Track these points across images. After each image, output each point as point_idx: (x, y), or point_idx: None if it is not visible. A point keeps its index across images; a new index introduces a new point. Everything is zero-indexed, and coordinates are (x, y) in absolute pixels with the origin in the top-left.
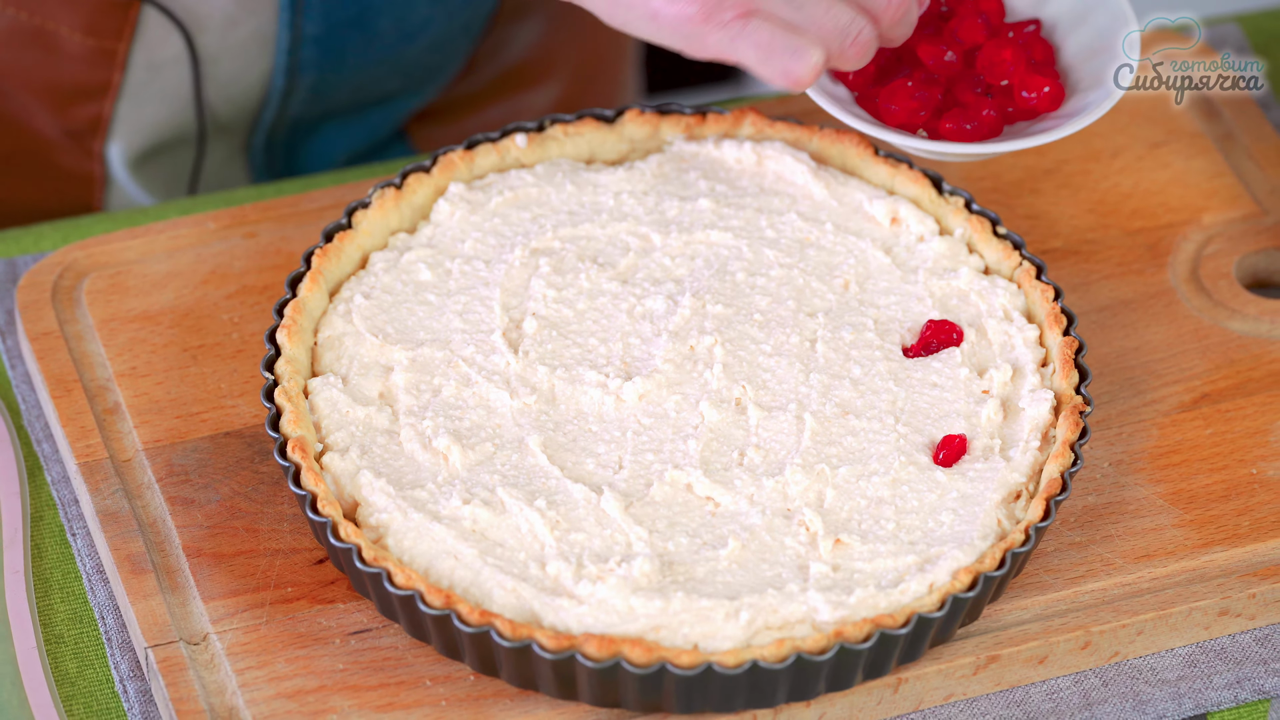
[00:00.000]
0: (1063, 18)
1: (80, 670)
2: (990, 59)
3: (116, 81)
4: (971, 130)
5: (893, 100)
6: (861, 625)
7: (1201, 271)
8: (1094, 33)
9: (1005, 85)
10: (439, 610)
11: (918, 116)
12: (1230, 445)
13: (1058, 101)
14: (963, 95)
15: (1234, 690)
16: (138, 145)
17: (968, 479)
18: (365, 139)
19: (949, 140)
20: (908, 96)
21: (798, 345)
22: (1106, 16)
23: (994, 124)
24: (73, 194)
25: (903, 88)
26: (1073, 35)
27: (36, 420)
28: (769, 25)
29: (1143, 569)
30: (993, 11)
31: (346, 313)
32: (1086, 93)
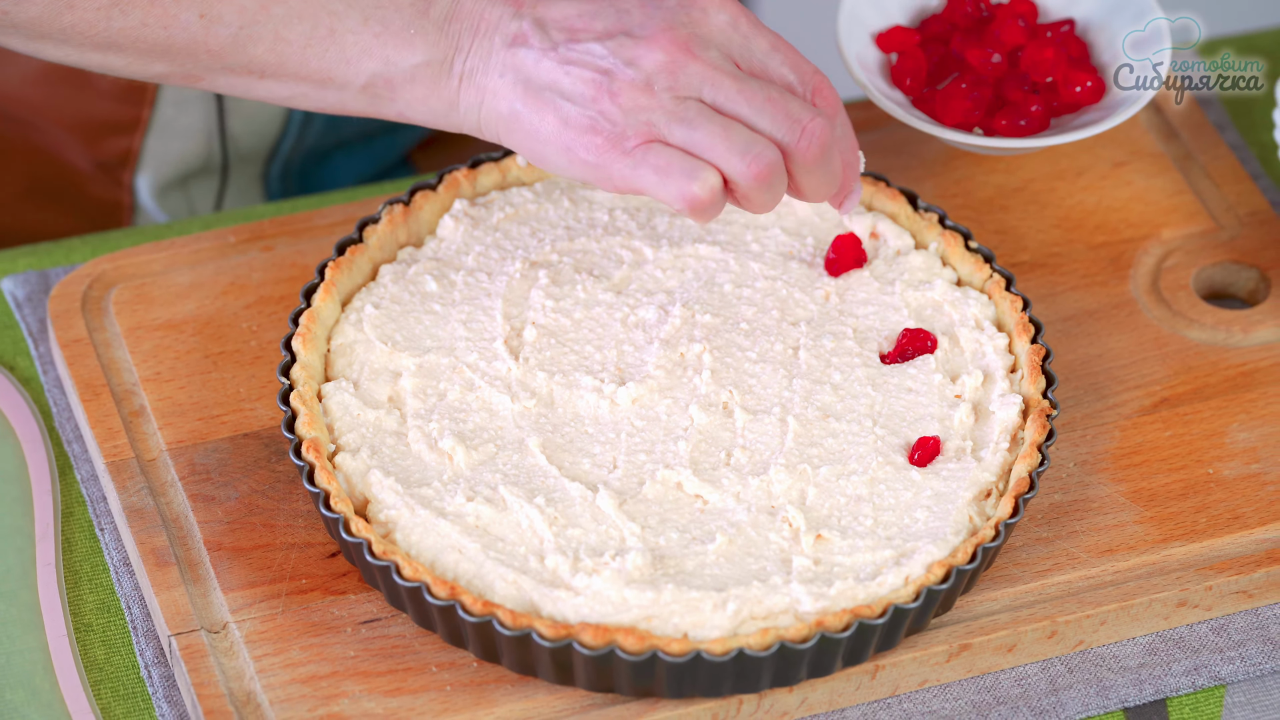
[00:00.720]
0: (1094, 16)
1: (108, 657)
2: (1034, 58)
3: (146, 117)
4: (1024, 126)
5: (949, 102)
6: (841, 615)
7: (1161, 283)
8: (1124, 28)
9: (1050, 82)
10: (444, 601)
11: (973, 115)
12: (1188, 447)
13: (1100, 94)
14: (1011, 94)
15: (1192, 677)
16: (164, 176)
17: (941, 478)
18: (373, 166)
19: (1005, 136)
20: (962, 97)
21: (781, 353)
22: (1134, 11)
23: (1042, 118)
24: (102, 221)
25: (957, 89)
26: (1104, 32)
27: (67, 422)
28: (665, 149)
29: (1106, 563)
30: (1028, 14)
31: (358, 321)
32: (1124, 84)
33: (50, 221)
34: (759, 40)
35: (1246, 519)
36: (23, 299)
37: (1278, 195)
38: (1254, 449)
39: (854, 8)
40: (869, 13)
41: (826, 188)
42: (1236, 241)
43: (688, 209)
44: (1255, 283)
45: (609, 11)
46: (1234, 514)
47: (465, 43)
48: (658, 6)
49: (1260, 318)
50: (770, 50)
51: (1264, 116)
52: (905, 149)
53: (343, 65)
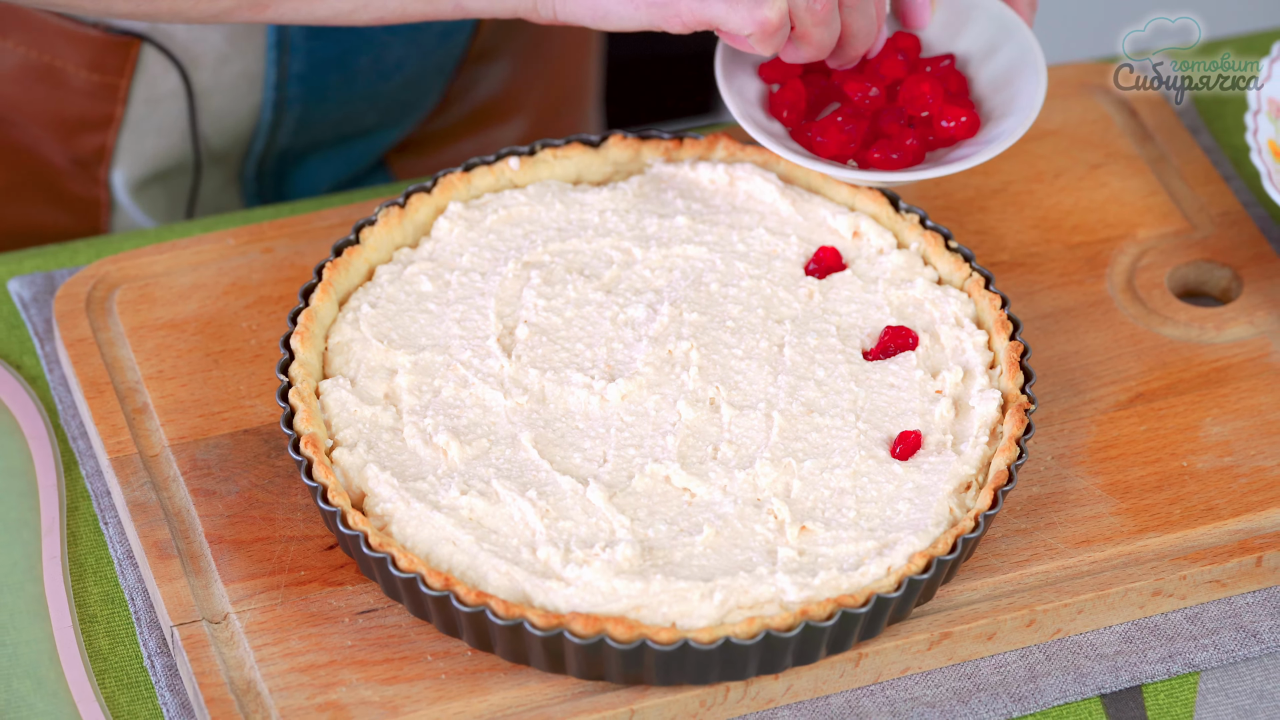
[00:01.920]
0: (974, 52)
1: (112, 647)
2: (911, 93)
3: (119, 114)
4: (897, 159)
5: (824, 134)
6: (825, 605)
7: (1136, 282)
8: (1004, 64)
9: (925, 116)
10: (439, 591)
11: (848, 148)
12: (1163, 440)
13: (974, 129)
14: (887, 127)
15: (1166, 664)
16: (139, 172)
17: (922, 471)
18: (348, 169)
19: (877, 169)
20: (838, 130)
21: (766, 350)
22: (1015, 49)
23: (917, 152)
24: (81, 217)
25: (833, 122)
26: (984, 67)
27: (72, 419)
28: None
29: (1083, 553)
30: (910, 48)
31: (355, 320)
32: (1000, 120)
33: (31, 217)
34: None
35: (1219, 510)
36: (29, 300)
37: (1250, 196)
38: (1227, 442)
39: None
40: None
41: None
42: (1209, 241)
43: (758, 32)
44: (1228, 281)
45: None
46: (1207, 506)
47: None
48: None
49: (1232, 315)
50: None
51: (1236, 120)
52: None
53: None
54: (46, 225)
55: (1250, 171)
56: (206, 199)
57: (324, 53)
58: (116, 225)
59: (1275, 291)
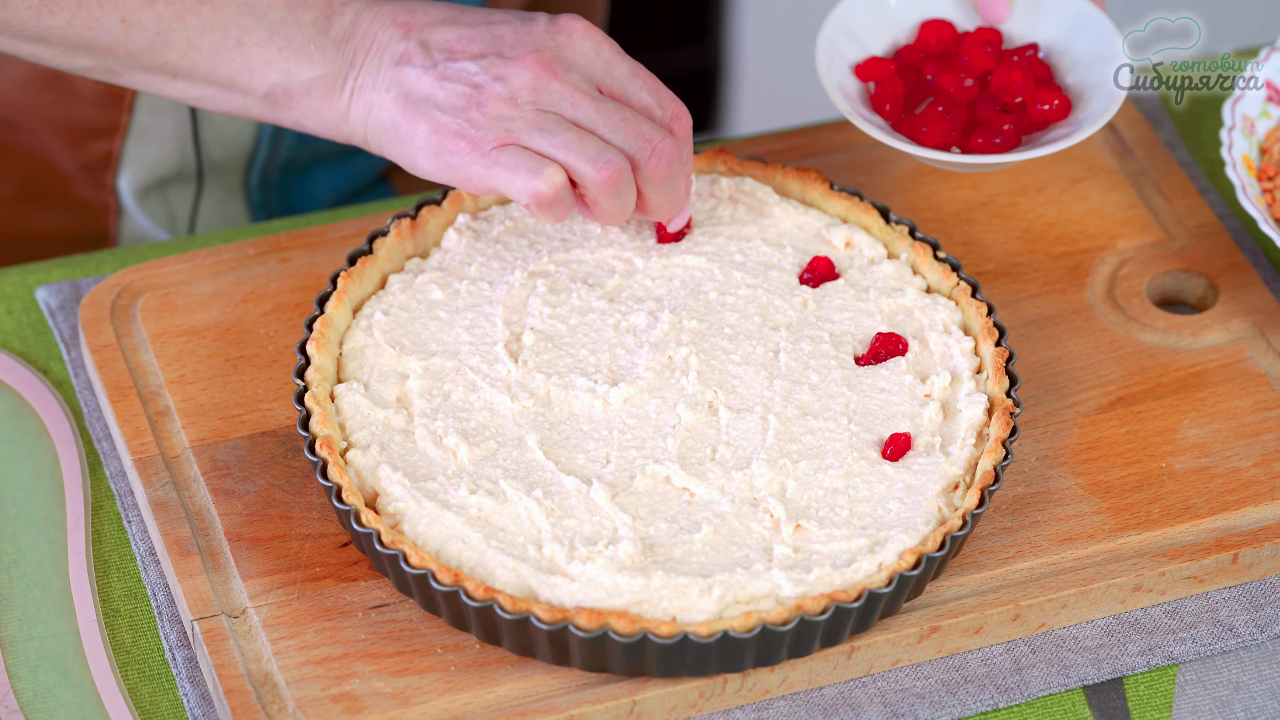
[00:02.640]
0: (1055, 40)
1: (135, 640)
2: (1003, 81)
3: (124, 122)
4: (999, 144)
5: (927, 124)
6: (819, 600)
7: (1116, 290)
8: (1084, 49)
9: (1019, 102)
10: (448, 587)
11: (950, 136)
12: (1143, 442)
13: (1066, 111)
14: (983, 114)
15: (1146, 656)
16: (144, 179)
17: (912, 472)
18: (351, 182)
19: (981, 153)
20: (939, 120)
21: (763, 355)
22: (1093, 34)
23: (1014, 136)
24: (90, 222)
25: (934, 113)
26: (1066, 54)
27: (97, 421)
28: (519, 151)
29: (1066, 550)
30: (995, 40)
31: (368, 327)
32: (1089, 101)
33: (43, 222)
34: (619, 66)
35: (1197, 509)
36: (56, 307)
37: (1224, 209)
38: (1204, 444)
39: (831, 42)
40: (846, 46)
41: (671, 205)
42: (1186, 251)
43: (534, 204)
44: (1204, 290)
45: (485, 35)
46: (1185, 505)
47: (359, 60)
48: (528, 32)
49: (1209, 322)
50: (630, 76)
51: (1212, 135)
52: (878, 167)
53: (247, 73)
54: (57, 230)
55: (1225, 185)
56: (211, 209)
57: None
58: (124, 231)
59: (1249, 299)
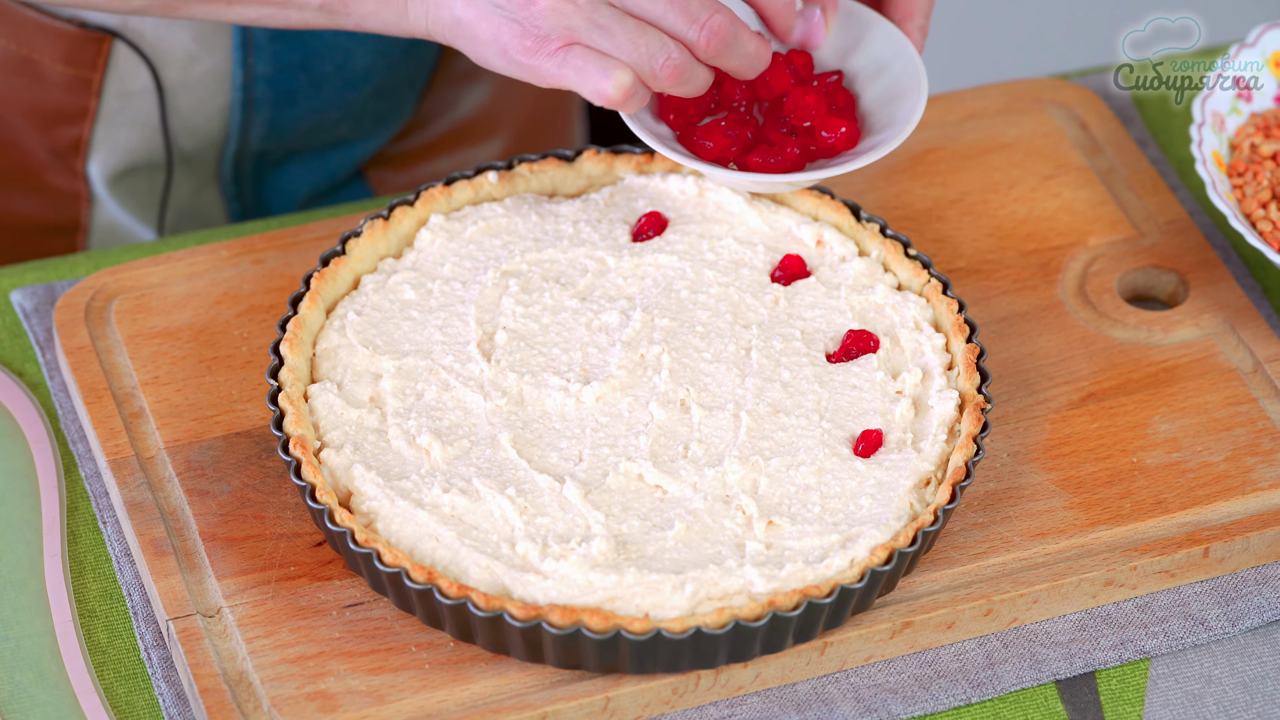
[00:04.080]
0: (865, 70)
1: (110, 640)
2: (796, 104)
3: (93, 108)
4: (776, 164)
5: (708, 137)
6: (791, 596)
7: (1087, 287)
8: (891, 82)
9: (808, 126)
10: (422, 585)
11: (729, 152)
12: (1113, 438)
13: (854, 141)
14: (771, 135)
15: (1118, 651)
16: (114, 165)
17: (884, 468)
18: (326, 178)
19: (757, 172)
20: (721, 134)
21: (734, 353)
22: (902, 68)
23: (797, 160)
24: (61, 209)
25: (717, 127)
26: (872, 85)
27: (72, 423)
28: (585, 51)
29: (1037, 546)
30: (802, 64)
31: (341, 328)
32: (880, 133)
33: (13, 209)
34: None
35: (1168, 504)
36: (30, 310)
37: (1195, 205)
38: (1175, 439)
39: None
40: None
41: (747, 67)
42: (1157, 248)
43: (605, 103)
44: (1175, 286)
45: None
46: (1156, 499)
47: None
48: None
49: (1179, 318)
50: None
51: (1182, 132)
52: None
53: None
54: (30, 217)
55: (1195, 181)
56: (184, 199)
57: (287, 56)
58: (96, 218)
59: (1220, 295)
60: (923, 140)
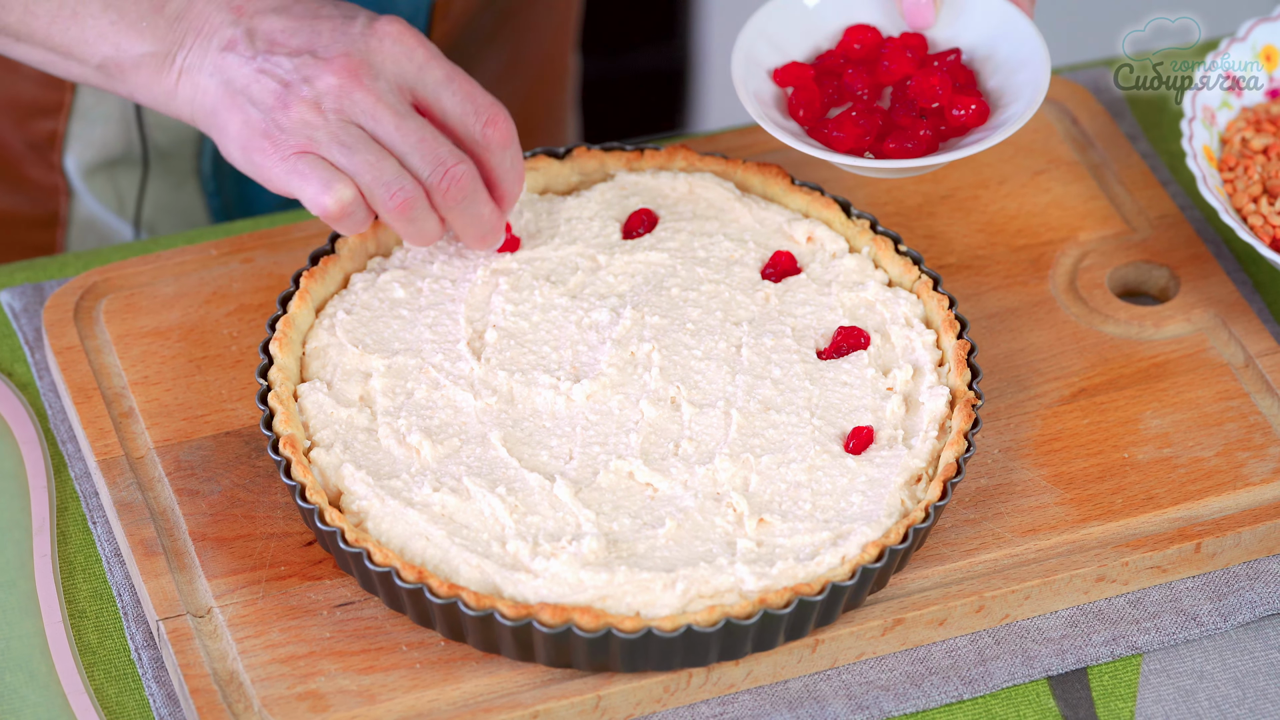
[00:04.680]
0: (980, 45)
1: (100, 641)
2: (921, 86)
3: (67, 101)
4: (912, 148)
5: (840, 129)
6: (783, 593)
7: (1078, 282)
8: (1008, 55)
9: (936, 107)
10: (413, 584)
11: (863, 141)
12: (1105, 433)
13: (984, 117)
14: (901, 120)
15: (1110, 647)
16: (90, 160)
17: (875, 465)
18: None
19: (893, 158)
20: (852, 125)
21: (725, 350)
22: (1017, 39)
23: (930, 142)
24: (41, 203)
25: (848, 118)
26: (990, 59)
27: (61, 423)
28: (317, 161)
29: (1029, 542)
30: (917, 46)
31: (331, 326)
32: (1008, 106)
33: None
34: (433, 71)
35: (1160, 499)
36: (19, 310)
37: (1186, 200)
38: (1166, 434)
39: (750, 49)
40: (767, 52)
41: (474, 229)
42: (1148, 243)
43: (322, 216)
44: (1165, 281)
45: (307, 30)
46: (1148, 495)
47: (189, 40)
48: (344, 32)
49: (1170, 313)
50: (444, 81)
51: (1173, 127)
52: None
53: (81, 44)
54: (7, 211)
55: (1186, 176)
56: (163, 196)
57: None
58: (75, 213)
59: (1211, 290)
60: None
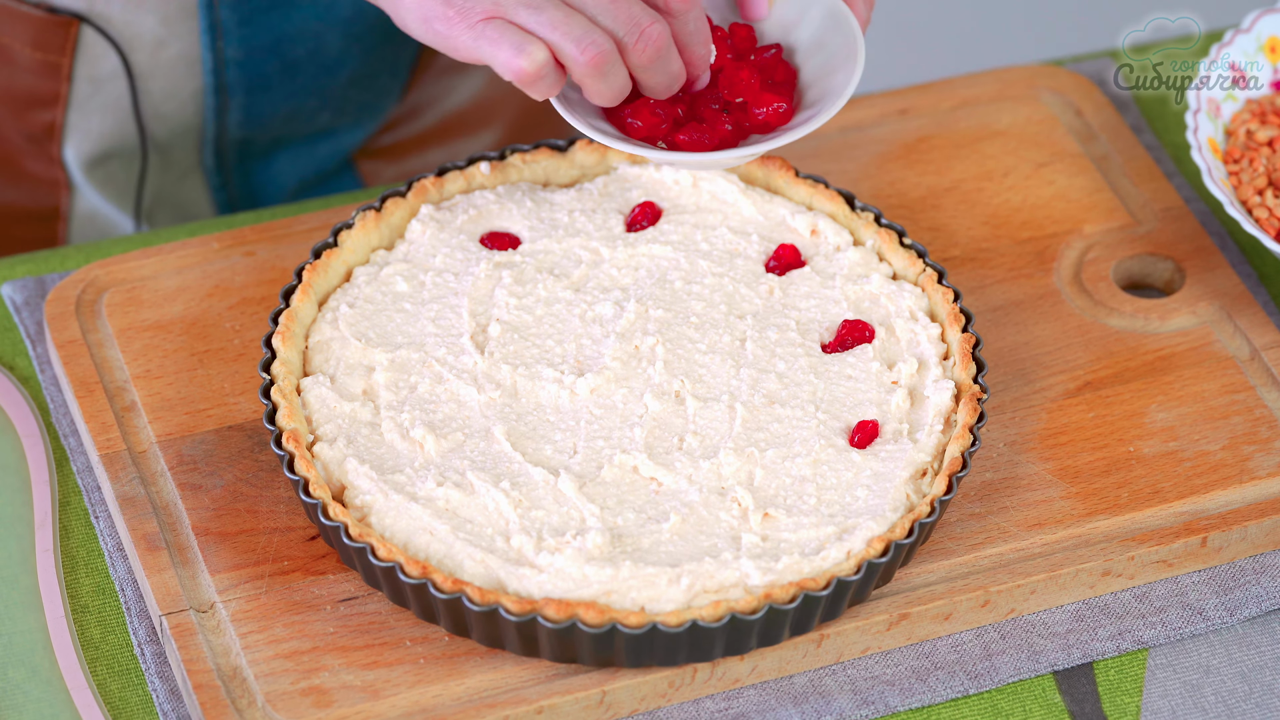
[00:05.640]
0: (806, 44)
1: (103, 636)
2: (730, 79)
3: (64, 92)
4: (705, 141)
5: (637, 115)
6: (788, 588)
7: (1083, 275)
8: (830, 54)
9: (741, 102)
10: (417, 579)
11: (659, 130)
12: (1110, 427)
13: (786, 117)
14: (704, 112)
15: (1116, 641)
16: (89, 152)
17: (880, 459)
18: (315, 168)
19: (684, 150)
20: (650, 112)
21: (729, 344)
22: (842, 41)
23: (728, 137)
24: (41, 196)
25: (646, 104)
26: (813, 58)
27: (64, 417)
28: (505, 25)
29: (1035, 536)
30: (743, 38)
31: (334, 320)
32: (814, 105)
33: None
34: None
35: (1165, 493)
36: (21, 303)
37: (1191, 192)
38: (1172, 428)
39: None
40: None
41: (666, 85)
42: (1153, 235)
43: (517, 80)
44: (1171, 273)
45: None
46: (1154, 489)
47: None
48: None
49: (1176, 306)
50: None
51: (1177, 119)
52: (843, 154)
53: None
54: (8, 205)
55: (1191, 168)
56: (164, 187)
57: (257, 40)
58: (76, 206)
59: (1216, 283)
60: (916, 128)
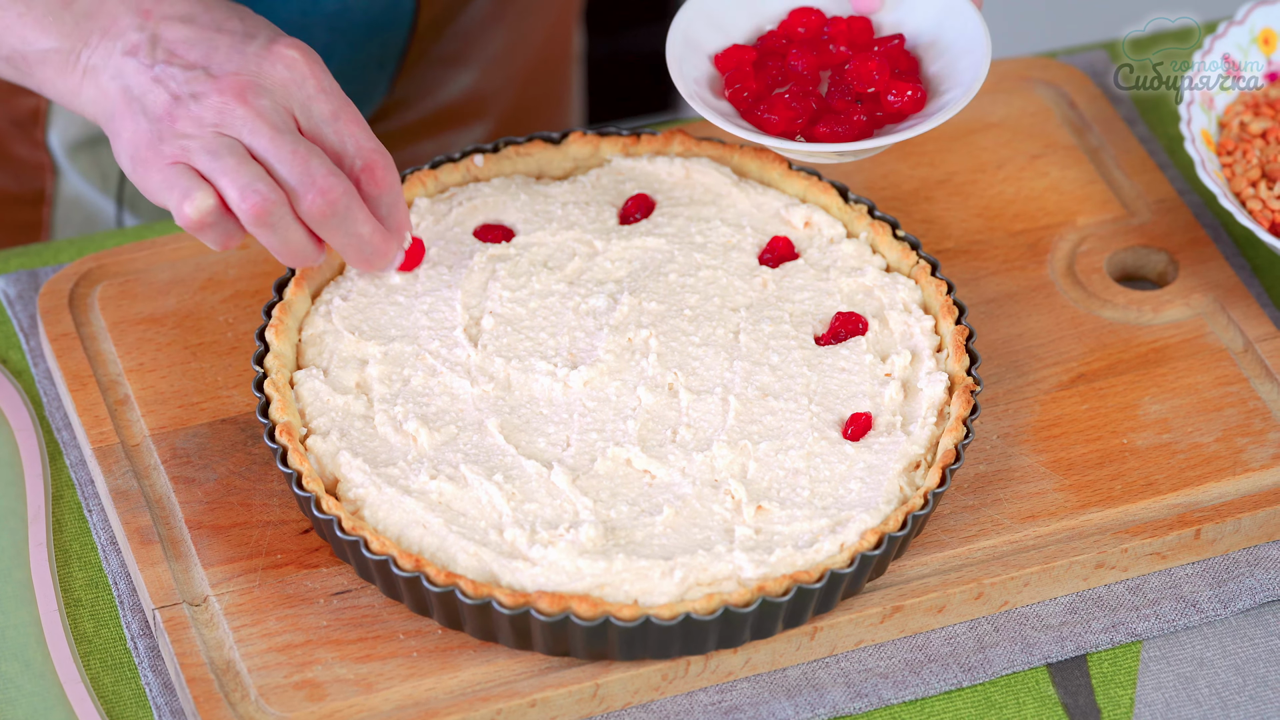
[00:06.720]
0: (924, 32)
1: (96, 630)
2: (858, 70)
3: None
4: (843, 132)
5: (772, 110)
6: (781, 581)
7: (1076, 267)
8: (950, 43)
9: (872, 92)
10: (410, 573)
11: (794, 124)
12: (1104, 419)
13: (920, 104)
14: (836, 104)
15: (1110, 633)
16: (73, 137)
17: (873, 451)
18: None
19: (823, 142)
20: (785, 107)
21: (723, 336)
22: (961, 28)
23: (864, 127)
24: (27, 180)
25: (780, 99)
26: (933, 47)
27: (57, 411)
28: (185, 171)
29: (1028, 528)
30: (861, 30)
31: (327, 313)
32: (947, 92)
33: None
34: (320, 104)
35: (1159, 485)
36: (14, 297)
37: (1184, 184)
38: (1165, 420)
39: (688, 30)
40: (707, 33)
41: (353, 250)
42: (1146, 227)
43: (185, 228)
44: (1164, 265)
45: (206, 44)
46: (1147, 481)
47: (94, 40)
48: (241, 50)
49: (1169, 297)
50: (329, 117)
51: (1171, 111)
52: None
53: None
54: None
55: (1184, 160)
56: None
57: None
58: (61, 190)
59: (1210, 275)
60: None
